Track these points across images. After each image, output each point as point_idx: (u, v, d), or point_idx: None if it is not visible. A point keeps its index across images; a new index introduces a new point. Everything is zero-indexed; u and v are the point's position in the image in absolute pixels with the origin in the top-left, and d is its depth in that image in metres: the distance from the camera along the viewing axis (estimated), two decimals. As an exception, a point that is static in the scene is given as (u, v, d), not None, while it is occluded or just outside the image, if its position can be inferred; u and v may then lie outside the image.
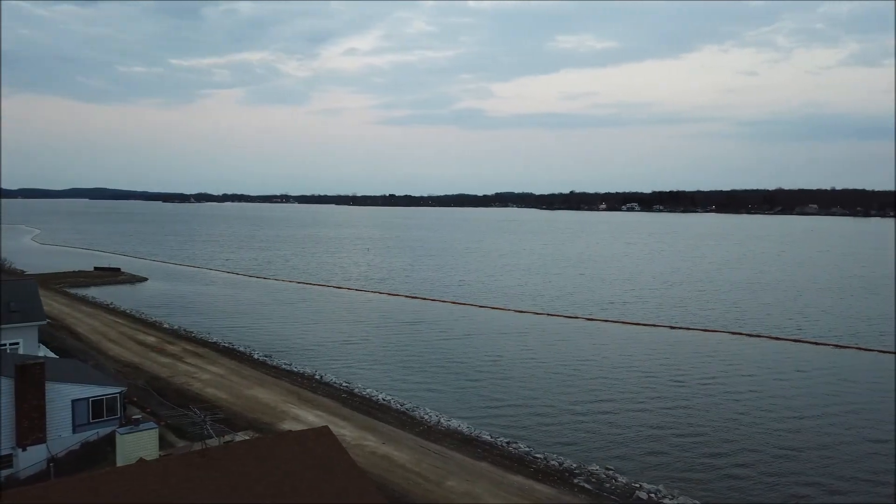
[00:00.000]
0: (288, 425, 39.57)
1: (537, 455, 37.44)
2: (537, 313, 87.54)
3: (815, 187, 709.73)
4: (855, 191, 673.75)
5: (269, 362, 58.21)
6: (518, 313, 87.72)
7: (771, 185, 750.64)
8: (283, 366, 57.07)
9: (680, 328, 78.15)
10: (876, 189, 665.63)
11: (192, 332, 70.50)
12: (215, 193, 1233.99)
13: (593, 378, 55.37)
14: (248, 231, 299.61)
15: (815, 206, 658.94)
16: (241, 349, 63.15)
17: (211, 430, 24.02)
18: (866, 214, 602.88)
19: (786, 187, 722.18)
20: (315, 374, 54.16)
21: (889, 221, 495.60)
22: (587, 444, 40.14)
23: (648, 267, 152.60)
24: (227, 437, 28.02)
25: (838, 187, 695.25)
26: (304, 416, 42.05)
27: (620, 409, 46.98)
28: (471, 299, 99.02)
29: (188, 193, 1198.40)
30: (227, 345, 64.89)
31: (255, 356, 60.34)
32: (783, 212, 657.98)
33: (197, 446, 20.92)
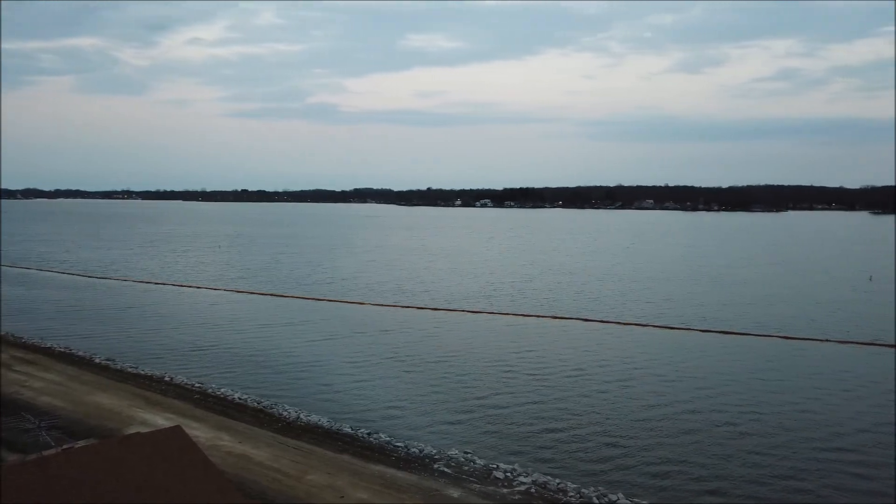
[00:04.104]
0: (135, 430, 37.35)
1: (398, 444, 37.94)
2: (403, 307, 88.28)
3: (650, 184, 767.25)
4: (685, 187, 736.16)
5: (112, 366, 54.53)
6: (381, 307, 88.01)
7: (612, 182, 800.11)
8: (129, 369, 53.69)
9: (538, 317, 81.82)
10: (701, 186, 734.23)
11: (21, 338, 64.56)
12: (46, 189, 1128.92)
13: (452, 367, 56.74)
14: (87, 229, 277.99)
15: (651, 201, 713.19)
16: (80, 354, 58.68)
17: (49, 438, 22.13)
18: (694, 209, 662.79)
19: (625, 184, 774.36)
20: (164, 376, 51.46)
21: (711, 215, 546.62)
22: (446, 431, 41.17)
23: (509, 260, 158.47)
24: (67, 446, 26.01)
25: (671, 184, 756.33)
26: (153, 420, 39.88)
27: (478, 396, 48.53)
28: (333, 295, 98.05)
29: (14, 189, 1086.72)
30: (63, 350, 60.06)
31: (97, 360, 56.30)
32: (623, 206, 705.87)
33: (32, 457, 19.32)
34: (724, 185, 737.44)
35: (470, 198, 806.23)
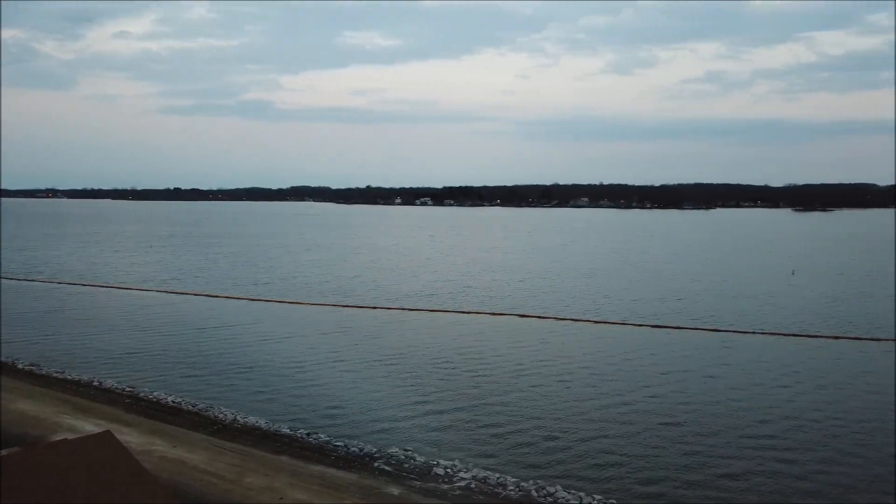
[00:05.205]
0: (62, 436, 35.90)
1: (338, 444, 37.69)
2: (343, 306, 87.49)
3: (586, 182, 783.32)
4: (618, 185, 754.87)
5: (36, 372, 52.35)
6: (321, 307, 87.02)
7: (548, 181, 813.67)
8: (55, 374, 51.63)
9: (479, 314, 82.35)
10: (634, 184, 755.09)
11: (-64, 345, 61.23)
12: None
13: (392, 366, 56.63)
14: (8, 229, 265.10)
15: (587, 199, 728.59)
16: (2, 360, 56.00)
17: (-33, 447, 21.07)
18: (628, 206, 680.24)
19: (561, 182, 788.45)
20: (93, 381, 49.67)
21: (644, 212, 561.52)
22: (387, 430, 41.04)
23: (450, 257, 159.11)
24: (-12, 455, 24.82)
25: (605, 182, 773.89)
26: (81, 426, 38.41)
27: (419, 394, 48.60)
28: (271, 295, 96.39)
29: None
30: (-17, 356, 57.24)
31: (20, 366, 53.93)
32: (559, 205, 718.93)
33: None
34: (657, 184, 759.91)
35: (410, 196, 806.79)
